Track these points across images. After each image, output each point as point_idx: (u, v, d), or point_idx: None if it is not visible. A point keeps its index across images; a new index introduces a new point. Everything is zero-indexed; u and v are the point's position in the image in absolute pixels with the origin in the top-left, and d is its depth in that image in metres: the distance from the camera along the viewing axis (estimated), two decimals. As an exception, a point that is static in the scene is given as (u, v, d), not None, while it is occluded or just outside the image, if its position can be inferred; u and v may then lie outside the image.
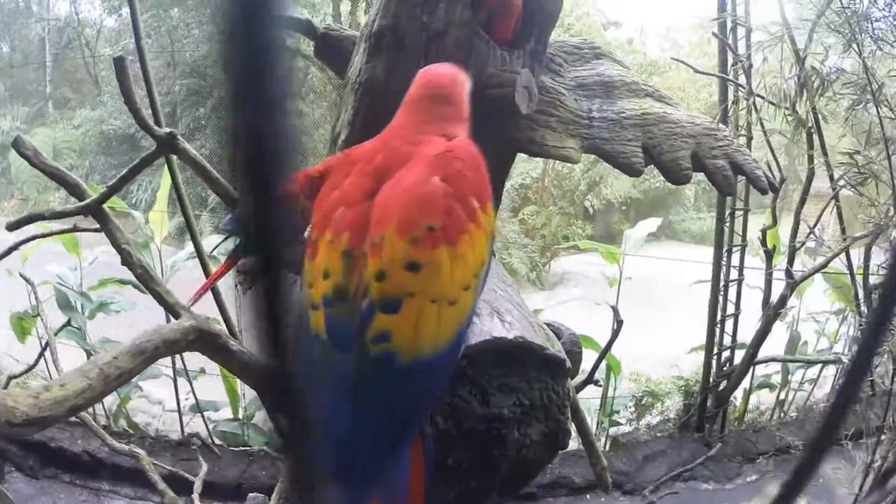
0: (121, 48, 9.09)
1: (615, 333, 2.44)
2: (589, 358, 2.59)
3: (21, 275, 3.53)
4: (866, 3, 2.64)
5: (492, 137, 1.45)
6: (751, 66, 3.53)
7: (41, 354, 3.37)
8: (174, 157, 2.32)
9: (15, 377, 3.23)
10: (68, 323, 3.53)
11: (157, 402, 4.38)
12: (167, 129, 1.64)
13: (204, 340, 1.60)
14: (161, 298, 1.67)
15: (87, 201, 1.77)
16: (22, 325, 3.82)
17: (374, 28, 1.39)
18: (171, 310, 1.66)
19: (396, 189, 0.80)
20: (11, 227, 1.98)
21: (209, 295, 2.87)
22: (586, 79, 1.73)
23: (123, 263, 1.73)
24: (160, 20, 8.92)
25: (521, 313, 0.85)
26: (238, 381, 3.51)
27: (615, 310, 2.41)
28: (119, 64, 1.62)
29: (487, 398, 0.76)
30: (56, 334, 3.46)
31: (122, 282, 3.37)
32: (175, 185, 2.49)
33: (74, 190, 1.82)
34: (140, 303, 3.65)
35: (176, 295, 1.76)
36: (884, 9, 2.67)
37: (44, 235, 2.48)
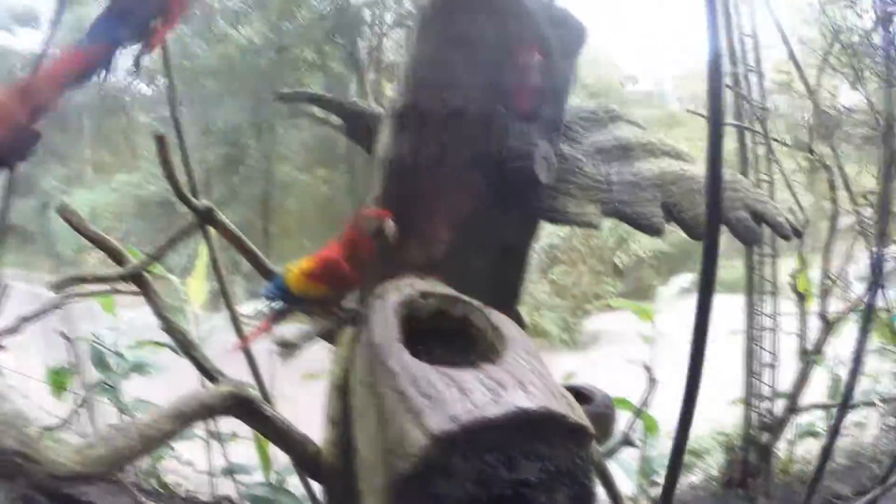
0: (157, 115, 9.53)
1: (648, 393, 2.43)
2: (626, 418, 2.57)
3: (61, 333, 3.65)
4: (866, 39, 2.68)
5: (514, 208, 1.51)
6: (764, 109, 3.58)
7: (76, 410, 3.45)
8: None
9: (49, 430, 3.29)
10: (105, 382, 3.61)
11: (187, 463, 4.40)
12: (206, 203, 1.73)
13: (240, 406, 1.65)
14: (199, 364, 1.74)
15: (129, 268, 1.85)
16: (58, 380, 3.91)
17: (398, 107, 1.46)
18: (209, 375, 1.73)
19: None
20: (55, 287, 2.07)
21: (243, 358, 2.94)
22: (604, 143, 1.78)
23: (164, 329, 1.80)
24: (195, 90, 9.34)
25: (543, 383, 0.87)
26: (270, 445, 3.52)
27: (648, 369, 2.40)
28: (160, 142, 1.72)
29: (514, 464, 0.78)
30: (91, 391, 3.55)
31: (159, 344, 3.45)
32: (211, 254, 2.58)
33: (115, 256, 1.91)
34: (173, 364, 3.74)
35: (212, 360, 1.83)
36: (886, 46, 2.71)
37: (84, 295, 2.57)
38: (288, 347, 1.10)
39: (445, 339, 1.17)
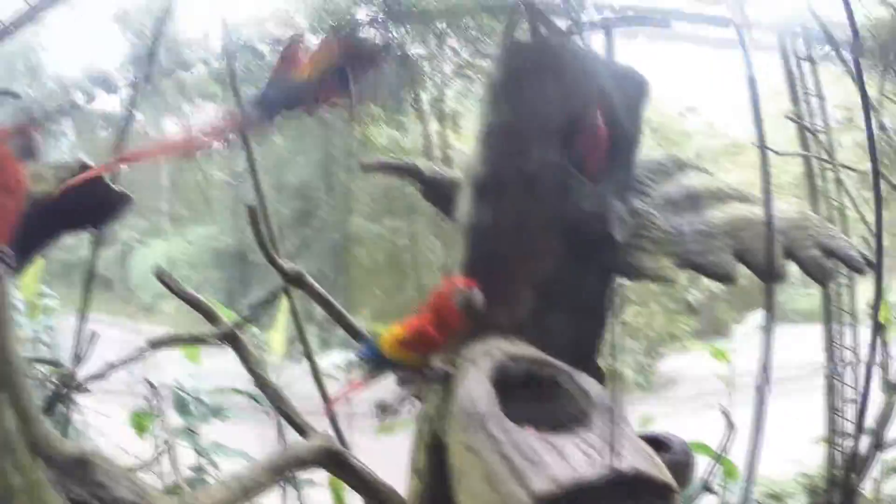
0: (230, 171, 10.06)
1: (727, 439, 2.39)
2: (705, 464, 2.52)
3: (146, 380, 3.86)
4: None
5: (591, 266, 1.57)
6: (830, 136, 3.52)
7: (160, 454, 3.62)
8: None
9: (131, 470, 3.44)
10: (189, 430, 3.78)
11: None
12: (295, 267, 1.85)
13: (330, 458, 1.75)
14: (290, 419, 1.84)
15: (223, 329, 1.99)
16: (141, 423, 4.10)
17: (477, 177, 1.55)
18: (299, 429, 1.82)
19: None
20: (154, 345, 2.23)
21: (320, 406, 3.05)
22: (673, 194, 1.82)
23: (257, 385, 1.91)
24: (266, 147, 9.84)
25: (632, 445, 0.93)
26: (346, 491, 3.59)
27: (726, 415, 2.37)
28: (252, 214, 1.86)
29: (610, 519, 0.83)
30: (177, 437, 3.72)
31: (238, 392, 3.60)
32: (291, 307, 2.72)
33: (209, 316, 2.05)
34: (250, 409, 3.89)
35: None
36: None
37: (175, 344, 2.68)
38: (386, 411, 1.18)
39: (534, 398, 1.23)
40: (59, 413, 3.51)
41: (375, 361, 1.38)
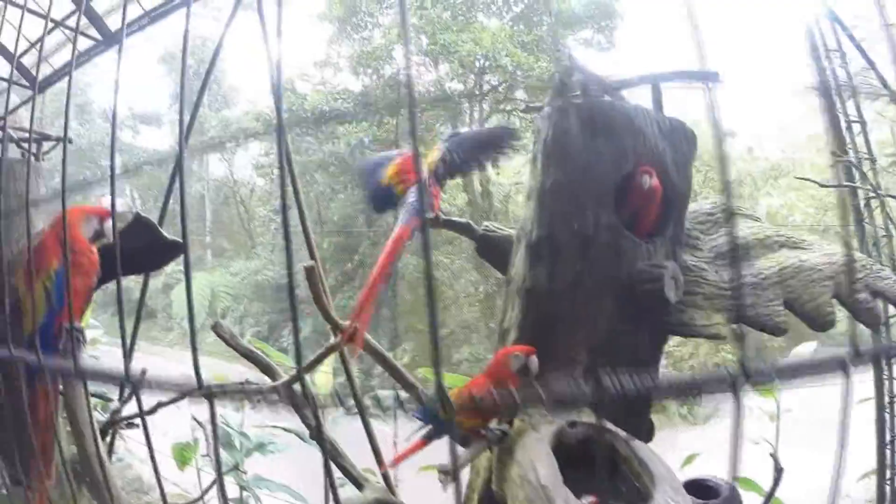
0: (272, 207, 10.36)
1: (776, 482, 2.34)
2: (750, 500, 2.47)
3: (193, 417, 3.94)
4: None
5: (645, 325, 1.58)
6: (874, 161, 3.46)
7: (207, 490, 3.67)
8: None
9: None
10: (236, 467, 3.84)
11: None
12: (352, 324, 1.89)
13: (386, 512, 1.77)
14: (347, 473, 1.87)
15: (280, 382, 2.03)
16: (184, 455, 4.18)
17: (532, 238, 1.58)
18: (356, 482, 1.85)
19: None
20: (207, 394, 2.29)
21: (367, 448, 3.07)
22: (723, 246, 1.82)
23: (313, 438, 1.95)
24: (308, 185, 10.13)
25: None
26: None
27: (775, 459, 2.33)
28: (310, 272, 1.91)
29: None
30: (225, 474, 3.77)
31: (286, 430, 3.65)
32: (344, 361, 2.76)
33: (266, 370, 2.10)
34: (293, 444, 3.94)
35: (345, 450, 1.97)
36: None
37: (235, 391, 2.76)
38: (447, 475, 1.20)
39: (590, 463, 1.24)
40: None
41: (433, 422, 1.42)
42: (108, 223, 1.79)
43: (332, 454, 1.87)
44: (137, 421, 2.92)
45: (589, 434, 1.27)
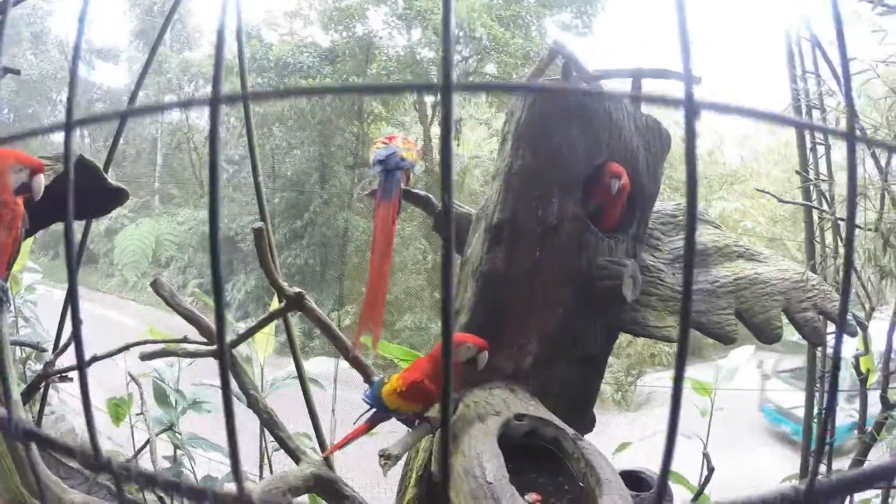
0: (226, 157, 9.99)
1: (706, 480, 2.41)
2: (678, 493, 2.55)
3: (129, 374, 3.81)
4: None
5: (598, 322, 1.57)
6: (832, 185, 3.55)
7: (140, 449, 3.57)
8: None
9: (110, 460, 3.41)
10: (170, 427, 3.74)
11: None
12: (296, 290, 1.82)
13: (321, 485, 1.74)
14: (284, 444, 1.82)
15: (217, 347, 1.96)
16: (118, 410, 4.06)
17: (493, 221, 1.54)
18: (293, 455, 1.81)
19: None
20: (146, 358, 2.21)
21: (305, 412, 3.03)
22: (682, 249, 1.83)
23: (249, 406, 1.89)
24: (264, 137, 9.81)
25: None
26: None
27: (707, 457, 2.40)
28: (258, 234, 1.83)
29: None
30: (158, 435, 3.68)
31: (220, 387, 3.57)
32: (286, 325, 2.70)
33: (205, 332, 2.02)
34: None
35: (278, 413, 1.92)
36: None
37: (159, 342, 2.66)
38: (389, 459, 1.17)
39: (533, 455, 1.22)
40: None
41: (377, 408, 1.42)
42: (39, 179, 1.66)
43: (268, 424, 1.82)
44: (71, 374, 2.80)
45: (535, 428, 1.25)
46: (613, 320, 1.59)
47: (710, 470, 2.49)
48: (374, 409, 1.42)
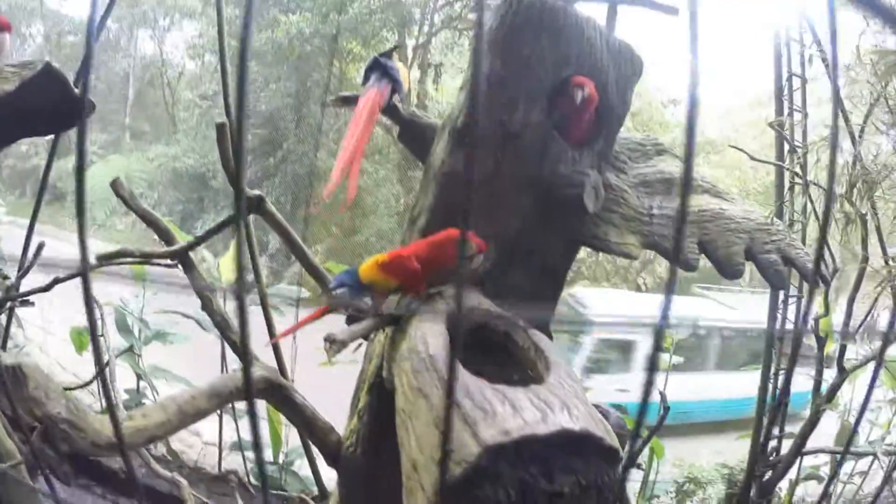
0: (200, 92, 9.74)
1: (661, 419, 2.46)
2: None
3: (93, 298, 3.73)
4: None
5: (558, 232, 1.56)
6: (806, 153, 3.59)
7: (98, 373, 3.54)
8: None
9: (69, 389, 3.39)
10: (130, 349, 3.71)
11: (195, 433, 4.50)
12: (256, 193, 1.79)
13: (271, 390, 1.74)
14: (235, 346, 1.81)
15: (176, 248, 1.93)
16: (81, 340, 4.02)
17: (457, 124, 1.52)
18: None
19: None
20: (102, 258, 2.15)
21: (266, 339, 3.02)
22: (648, 176, 1.83)
23: (203, 309, 1.87)
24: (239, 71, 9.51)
25: (585, 408, 0.94)
26: (283, 425, 3.61)
27: (663, 396, 2.44)
28: (221, 130, 1.79)
29: (552, 477, 0.84)
30: (117, 357, 3.65)
31: (185, 315, 3.54)
32: (248, 238, 2.66)
33: (163, 234, 1.99)
34: (193, 335, 3.84)
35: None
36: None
37: (121, 263, 2.62)
38: (335, 344, 1.16)
39: (487, 351, 1.23)
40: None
41: (350, 286, 1.36)
42: (4, 37, 1.57)
43: (221, 327, 1.80)
44: (33, 299, 2.73)
45: (486, 320, 1.25)
46: (574, 233, 1.58)
47: (666, 409, 2.54)
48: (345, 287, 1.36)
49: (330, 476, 2.62)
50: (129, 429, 1.51)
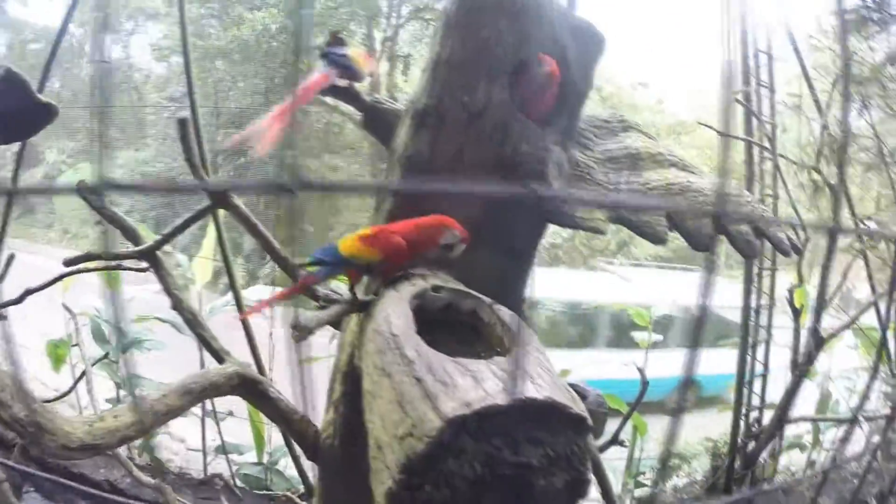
0: (167, 95, 9.60)
1: (640, 395, 2.48)
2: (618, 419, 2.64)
3: (64, 305, 3.68)
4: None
5: (525, 210, 1.56)
6: (774, 128, 3.63)
7: (76, 383, 3.49)
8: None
9: (46, 402, 3.33)
10: (106, 356, 3.66)
11: (179, 439, 4.46)
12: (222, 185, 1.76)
13: (245, 386, 1.71)
14: (207, 344, 1.78)
15: (144, 247, 1.89)
16: (58, 352, 3.95)
17: (419, 107, 1.51)
18: (216, 355, 1.77)
19: None
20: (69, 262, 2.11)
21: (243, 338, 2.99)
22: (614, 152, 1.83)
23: (174, 308, 1.84)
24: (206, 71, 9.40)
25: (550, 377, 0.93)
26: (265, 425, 3.59)
27: (641, 371, 2.45)
28: (182, 125, 1.76)
29: (518, 448, 0.83)
30: (93, 365, 3.59)
31: (162, 320, 3.50)
32: (218, 235, 2.63)
33: (130, 234, 1.95)
34: (171, 342, 3.79)
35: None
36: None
37: (91, 270, 2.59)
38: (301, 331, 1.14)
39: (454, 330, 1.22)
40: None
41: (329, 262, 1.33)
42: None
43: (192, 324, 1.77)
44: (4, 312, 2.66)
45: (452, 301, 1.24)
46: (541, 212, 1.58)
47: (644, 384, 2.55)
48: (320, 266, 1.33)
49: (316, 473, 2.62)
50: (101, 430, 1.48)
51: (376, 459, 0.88)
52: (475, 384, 0.82)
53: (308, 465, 3.03)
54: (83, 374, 3.56)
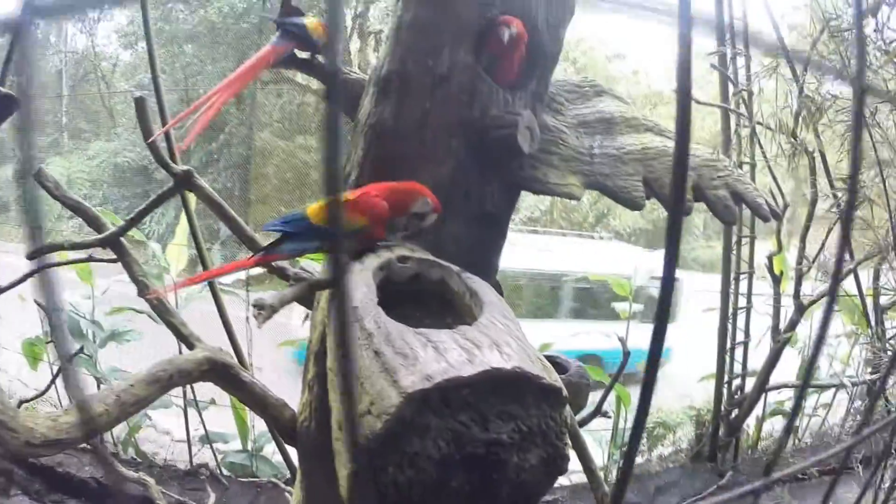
0: (136, 82, 9.37)
1: (622, 366, 2.45)
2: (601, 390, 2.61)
3: (36, 301, 3.58)
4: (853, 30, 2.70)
5: (496, 176, 1.50)
6: (751, 95, 3.60)
7: (53, 380, 3.41)
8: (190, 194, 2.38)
9: (26, 401, 3.27)
10: (81, 350, 3.58)
11: (164, 431, 4.40)
12: (184, 167, 1.70)
13: (216, 371, 1.65)
14: (176, 330, 1.72)
15: (107, 234, 1.82)
16: (34, 351, 3.87)
17: (382, 73, 1.44)
18: (186, 341, 1.71)
19: None
20: (31, 255, 2.02)
21: (220, 326, 2.92)
22: (587, 116, 1.78)
23: (140, 295, 1.77)
24: (175, 56, 9.18)
25: (519, 345, 0.87)
26: (248, 412, 3.54)
27: (623, 342, 2.43)
28: (139, 103, 1.68)
29: (487, 424, 0.78)
30: (69, 361, 3.50)
31: (137, 311, 3.43)
32: (189, 220, 2.55)
33: (93, 222, 1.87)
34: (149, 333, 3.72)
35: (190, 326, 1.82)
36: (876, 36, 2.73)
37: (60, 264, 2.52)
38: (264, 310, 1.08)
39: (422, 302, 1.17)
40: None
41: (292, 223, 1.25)
42: None
43: (159, 310, 1.71)
44: None
45: (420, 271, 1.19)
46: (512, 176, 1.53)
47: (626, 354, 2.53)
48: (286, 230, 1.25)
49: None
50: (66, 424, 1.42)
51: (338, 441, 0.83)
52: (437, 356, 0.77)
53: (293, 450, 2.99)
54: (59, 371, 3.48)
